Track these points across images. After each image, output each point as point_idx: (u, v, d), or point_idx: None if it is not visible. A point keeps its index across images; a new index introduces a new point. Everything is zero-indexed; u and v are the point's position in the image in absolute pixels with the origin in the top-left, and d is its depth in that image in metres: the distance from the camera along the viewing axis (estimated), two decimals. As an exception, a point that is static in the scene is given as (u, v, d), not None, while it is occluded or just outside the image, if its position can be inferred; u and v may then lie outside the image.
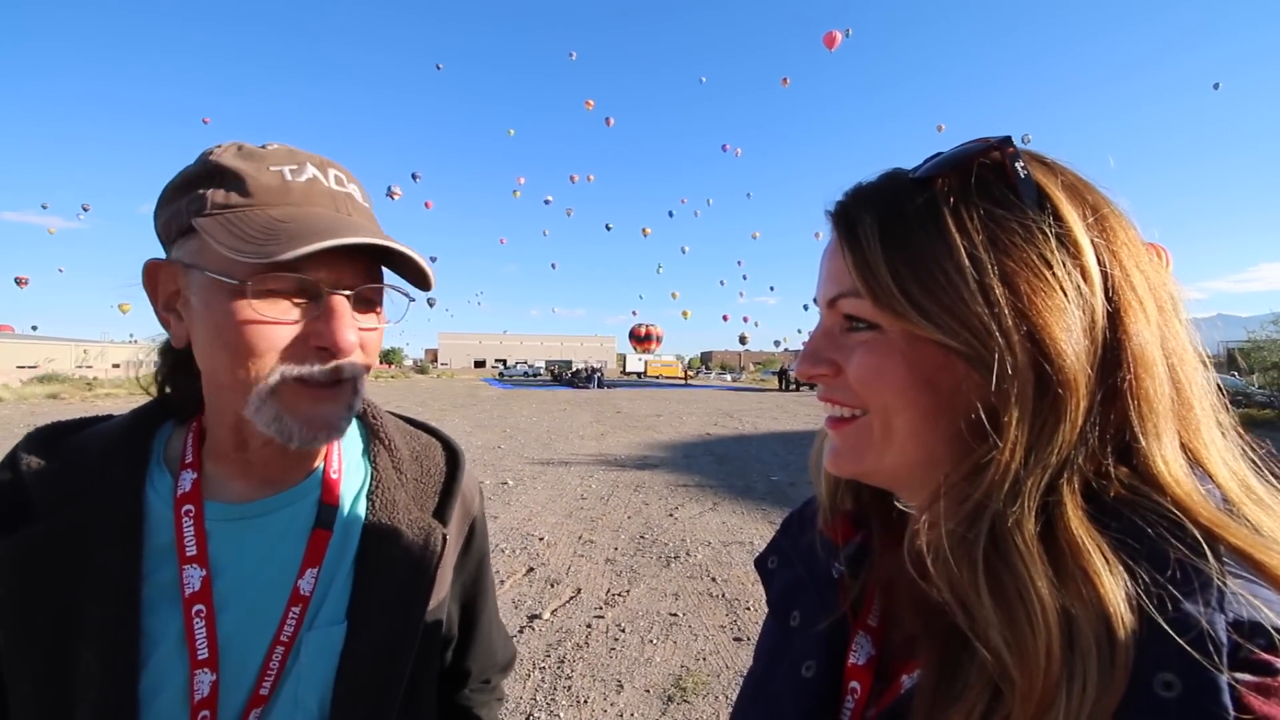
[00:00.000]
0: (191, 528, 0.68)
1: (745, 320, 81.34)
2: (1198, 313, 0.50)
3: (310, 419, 0.67)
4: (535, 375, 59.61)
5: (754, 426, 16.39)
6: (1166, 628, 0.38)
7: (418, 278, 0.72)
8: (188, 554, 0.67)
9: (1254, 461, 0.48)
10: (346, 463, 0.81)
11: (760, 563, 0.77)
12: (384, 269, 0.72)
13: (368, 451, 0.85)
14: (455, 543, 0.87)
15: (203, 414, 0.74)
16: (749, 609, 4.33)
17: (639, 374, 71.07)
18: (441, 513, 0.84)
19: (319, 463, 0.78)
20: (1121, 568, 0.40)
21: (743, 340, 75.10)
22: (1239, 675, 0.37)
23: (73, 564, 0.64)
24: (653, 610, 4.33)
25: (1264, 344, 19.80)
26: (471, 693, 0.96)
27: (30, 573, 0.63)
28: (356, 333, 0.67)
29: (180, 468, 0.71)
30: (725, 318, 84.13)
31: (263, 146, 0.70)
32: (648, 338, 70.94)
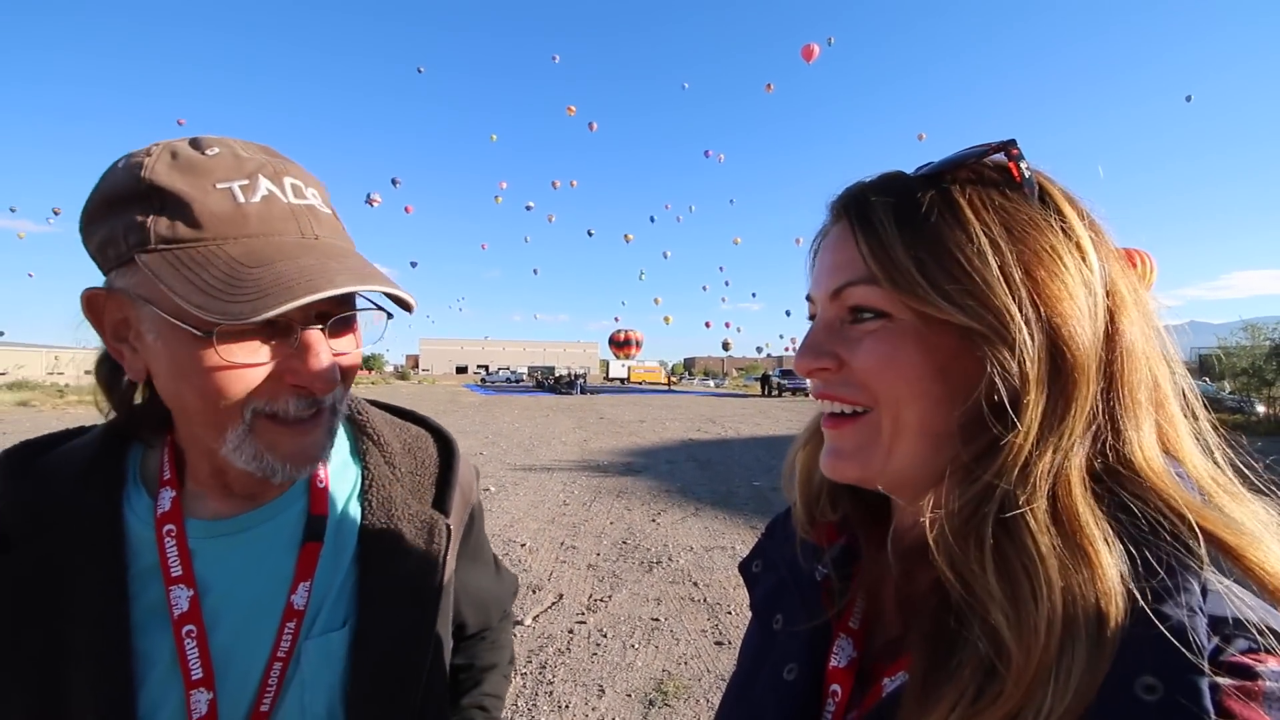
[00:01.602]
0: (174, 547, 0.66)
1: (727, 326, 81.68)
2: (1171, 320, 0.52)
3: (292, 455, 0.64)
4: (518, 381, 59.21)
5: (736, 432, 16.46)
6: (1149, 627, 0.38)
7: (397, 299, 0.67)
8: (173, 574, 0.65)
9: (1227, 455, 0.50)
10: (334, 466, 0.78)
11: (744, 566, 0.76)
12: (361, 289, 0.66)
13: (356, 450, 0.82)
14: (457, 532, 0.86)
15: (174, 431, 0.70)
16: (730, 613, 4.35)
17: (622, 380, 70.96)
18: (441, 503, 0.83)
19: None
20: (1120, 550, 0.41)
21: (726, 346, 75.38)
22: (1220, 679, 0.37)
23: (55, 591, 0.62)
24: (634, 615, 4.33)
25: (1234, 350, 20.25)
26: (490, 631, 1.02)
27: (11, 602, 0.61)
28: (335, 367, 0.64)
29: (159, 486, 0.68)
30: (708, 324, 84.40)
31: (199, 149, 0.61)
32: (627, 343, 70.81)
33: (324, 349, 0.63)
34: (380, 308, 0.70)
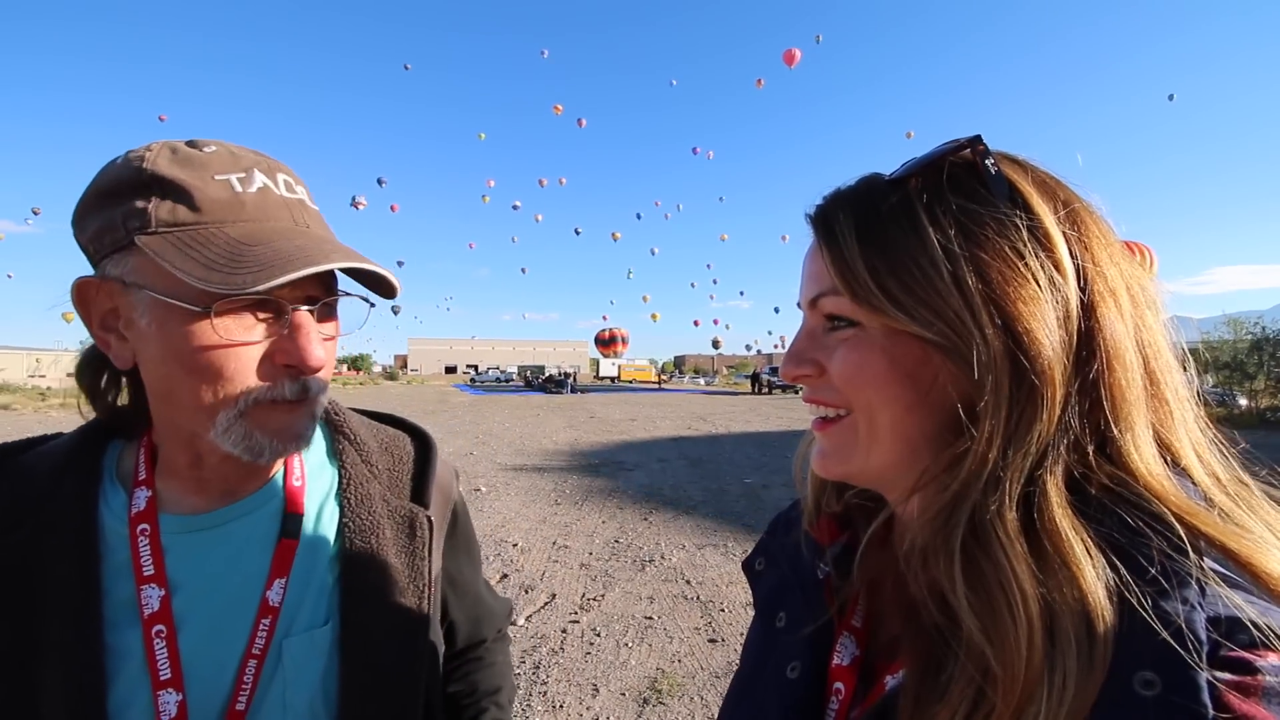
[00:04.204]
0: (147, 546, 0.65)
1: (716, 324, 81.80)
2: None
3: (280, 433, 0.65)
4: (507, 381, 59.06)
5: (727, 429, 16.49)
6: (1146, 625, 0.38)
7: (383, 286, 0.69)
8: (145, 574, 0.65)
9: (1225, 454, 0.48)
10: (310, 467, 0.79)
11: (748, 565, 0.76)
12: (341, 275, 0.69)
13: (333, 451, 0.83)
14: (440, 527, 0.86)
15: (152, 430, 0.71)
16: (723, 610, 4.36)
17: (612, 379, 70.98)
18: (420, 498, 0.83)
19: (277, 471, 0.75)
20: (1103, 560, 0.40)
21: (715, 344, 75.52)
22: (1218, 674, 0.36)
23: (29, 586, 0.62)
24: (628, 614, 4.33)
25: (1216, 345, 20.51)
26: (492, 643, 1.00)
27: None
28: (324, 348, 0.66)
29: (134, 485, 0.68)
30: (696, 322, 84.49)
31: (196, 147, 0.64)
32: (613, 340, 70.79)
33: (313, 329, 0.65)
34: (363, 298, 0.71)
